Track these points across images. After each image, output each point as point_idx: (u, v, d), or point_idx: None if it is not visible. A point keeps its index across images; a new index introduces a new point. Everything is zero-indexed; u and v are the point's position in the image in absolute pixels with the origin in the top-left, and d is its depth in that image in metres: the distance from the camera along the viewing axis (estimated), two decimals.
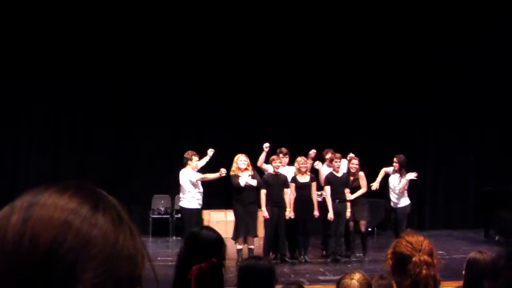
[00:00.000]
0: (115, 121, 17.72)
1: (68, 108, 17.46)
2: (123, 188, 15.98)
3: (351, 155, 13.74)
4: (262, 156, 13.51)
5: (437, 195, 18.61)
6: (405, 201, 13.36)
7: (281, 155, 13.52)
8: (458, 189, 18.56)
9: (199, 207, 12.96)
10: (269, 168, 13.40)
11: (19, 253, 0.94)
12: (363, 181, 13.37)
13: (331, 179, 13.22)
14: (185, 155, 13.02)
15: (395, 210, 13.39)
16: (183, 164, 12.98)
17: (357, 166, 13.42)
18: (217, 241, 3.62)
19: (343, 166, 13.56)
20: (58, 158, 17.47)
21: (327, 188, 13.11)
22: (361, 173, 13.42)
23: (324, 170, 13.75)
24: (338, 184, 13.17)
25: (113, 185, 15.32)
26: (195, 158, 12.95)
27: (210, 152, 13.31)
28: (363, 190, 13.35)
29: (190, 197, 12.83)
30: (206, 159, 13.30)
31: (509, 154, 17.95)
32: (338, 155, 13.46)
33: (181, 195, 13.10)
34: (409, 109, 18.23)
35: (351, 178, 13.37)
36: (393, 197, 13.41)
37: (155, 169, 17.36)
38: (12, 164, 17.50)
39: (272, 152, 13.63)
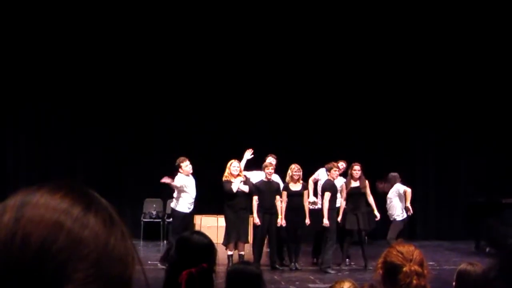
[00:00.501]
0: (107, 123, 17.68)
1: (58, 108, 17.42)
2: (115, 191, 15.95)
3: (355, 164, 13.57)
4: (243, 164, 13.49)
5: (428, 205, 18.61)
6: (398, 215, 13.37)
7: (271, 158, 13.55)
8: (448, 200, 18.58)
9: (187, 211, 12.89)
10: (251, 176, 13.36)
11: (11, 252, 0.94)
12: (369, 191, 13.35)
13: (332, 186, 13.11)
14: (177, 161, 13.02)
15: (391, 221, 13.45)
16: (177, 170, 12.99)
17: (359, 172, 13.32)
18: (208, 246, 3.62)
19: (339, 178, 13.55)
20: (48, 160, 17.43)
21: (327, 195, 12.95)
22: (367, 183, 13.38)
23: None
24: (335, 192, 13.17)
25: (104, 188, 15.20)
26: (185, 163, 12.93)
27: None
28: (372, 199, 13.35)
29: (180, 199, 12.85)
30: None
31: (500, 165, 17.99)
32: (336, 164, 13.36)
33: (174, 195, 13.11)
34: (400, 121, 18.26)
35: (357, 183, 13.28)
36: (390, 209, 13.46)
37: (147, 172, 17.33)
38: (2, 166, 17.46)
39: (259, 159, 13.65)
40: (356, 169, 13.33)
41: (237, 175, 12.86)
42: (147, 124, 17.66)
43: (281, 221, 12.90)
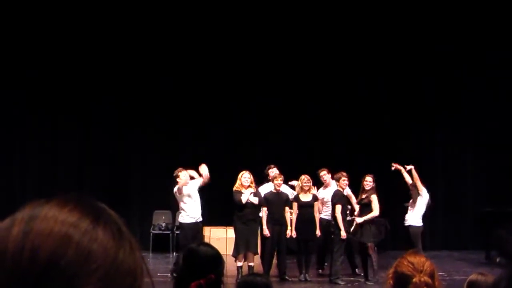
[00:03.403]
0: (116, 134, 17.73)
1: (66, 122, 17.48)
2: (124, 203, 15.97)
3: (367, 175, 13.25)
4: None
5: (437, 215, 18.54)
6: (415, 221, 13.31)
7: (275, 170, 13.56)
8: (458, 210, 18.52)
9: (192, 221, 12.73)
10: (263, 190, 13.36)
11: (19, 266, 0.93)
12: (374, 204, 12.91)
13: (342, 197, 12.94)
14: (175, 172, 12.91)
15: (408, 228, 13.35)
16: (175, 182, 12.94)
17: (371, 183, 13.01)
18: (215, 257, 3.61)
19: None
20: (56, 173, 17.48)
21: (338, 208, 12.76)
22: (374, 197, 12.92)
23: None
24: (346, 203, 13.08)
25: (113, 200, 15.26)
26: (182, 173, 12.82)
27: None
28: (374, 213, 12.93)
29: (184, 211, 12.86)
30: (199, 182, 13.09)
31: (509, 174, 17.93)
32: (345, 174, 13.21)
33: (181, 205, 13.08)
34: (406, 129, 18.25)
35: (364, 195, 13.09)
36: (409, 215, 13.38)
37: (156, 184, 17.35)
38: (10, 178, 17.49)
39: (260, 170, 13.66)
40: (368, 180, 13.07)
41: (248, 186, 12.85)
42: (157, 135, 17.68)
43: (290, 232, 12.87)
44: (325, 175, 13.72)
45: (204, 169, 12.78)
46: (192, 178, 12.88)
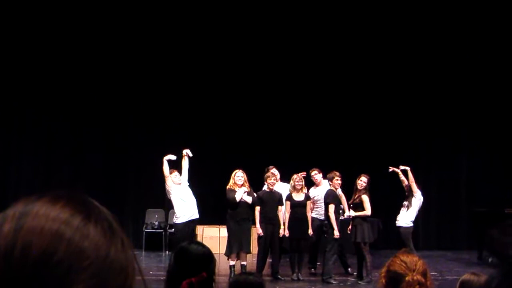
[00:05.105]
0: (110, 133, 17.69)
1: (60, 118, 17.45)
2: (117, 201, 15.94)
3: (363, 175, 13.14)
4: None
5: (431, 215, 18.58)
6: (405, 222, 13.33)
7: (275, 170, 13.54)
8: (451, 210, 18.55)
9: (184, 221, 12.87)
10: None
11: (11, 263, 0.93)
12: (366, 204, 12.80)
13: (335, 197, 12.86)
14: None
15: (399, 228, 13.37)
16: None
17: (365, 184, 12.91)
18: (206, 255, 3.61)
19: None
20: (49, 169, 17.44)
21: (331, 207, 12.68)
22: (365, 197, 12.80)
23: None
24: (339, 202, 13.07)
25: (106, 198, 15.21)
26: (174, 173, 12.97)
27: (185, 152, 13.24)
28: (366, 213, 12.80)
29: (177, 211, 12.95)
30: (186, 164, 13.20)
31: (503, 175, 17.97)
32: (338, 173, 13.16)
33: (174, 208, 13.20)
34: (399, 128, 18.27)
35: (357, 195, 12.99)
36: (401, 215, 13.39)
37: (149, 183, 17.32)
38: (3, 175, 17.46)
39: (259, 171, 13.66)
40: (363, 180, 12.97)
41: (242, 185, 12.83)
42: (150, 134, 17.65)
43: (283, 231, 12.86)
44: (316, 174, 13.75)
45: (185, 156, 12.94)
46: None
